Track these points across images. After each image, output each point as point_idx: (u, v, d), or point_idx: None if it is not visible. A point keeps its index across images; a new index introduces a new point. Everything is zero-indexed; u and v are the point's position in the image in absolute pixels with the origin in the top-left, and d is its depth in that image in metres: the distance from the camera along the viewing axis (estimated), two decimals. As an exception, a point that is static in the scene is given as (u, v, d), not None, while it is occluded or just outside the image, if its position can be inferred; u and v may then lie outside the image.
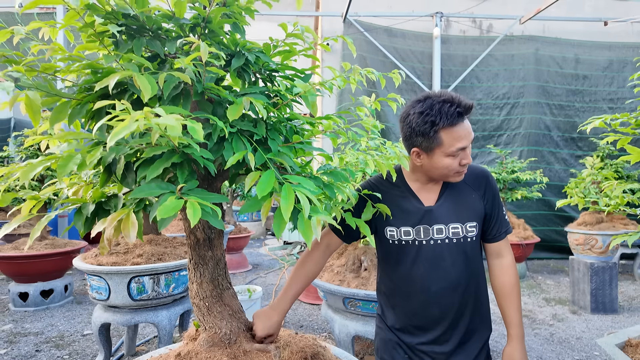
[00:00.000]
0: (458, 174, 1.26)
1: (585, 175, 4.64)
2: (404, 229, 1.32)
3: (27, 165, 0.89)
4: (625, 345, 1.62)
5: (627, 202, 3.83)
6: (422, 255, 1.31)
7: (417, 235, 1.31)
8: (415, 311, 1.34)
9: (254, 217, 9.65)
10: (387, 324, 1.42)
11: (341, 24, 6.98)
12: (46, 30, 1.07)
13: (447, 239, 1.30)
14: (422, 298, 1.32)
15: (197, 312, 1.22)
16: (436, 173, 1.27)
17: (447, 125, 1.17)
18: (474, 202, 1.32)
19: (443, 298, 1.31)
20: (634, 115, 1.58)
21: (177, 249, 2.93)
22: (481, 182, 1.35)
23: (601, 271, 3.99)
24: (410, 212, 1.32)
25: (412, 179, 1.36)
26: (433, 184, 1.35)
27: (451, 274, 1.30)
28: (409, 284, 1.34)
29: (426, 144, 1.21)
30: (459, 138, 1.18)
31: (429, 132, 1.18)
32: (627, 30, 7.18)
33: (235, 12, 1.08)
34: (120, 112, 0.75)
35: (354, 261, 2.63)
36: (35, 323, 3.69)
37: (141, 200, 0.96)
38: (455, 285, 1.31)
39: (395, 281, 1.38)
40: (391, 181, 1.38)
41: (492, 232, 1.36)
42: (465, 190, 1.34)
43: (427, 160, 1.25)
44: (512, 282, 1.34)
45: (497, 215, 1.35)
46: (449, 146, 1.19)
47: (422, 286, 1.31)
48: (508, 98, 6.93)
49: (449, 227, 1.30)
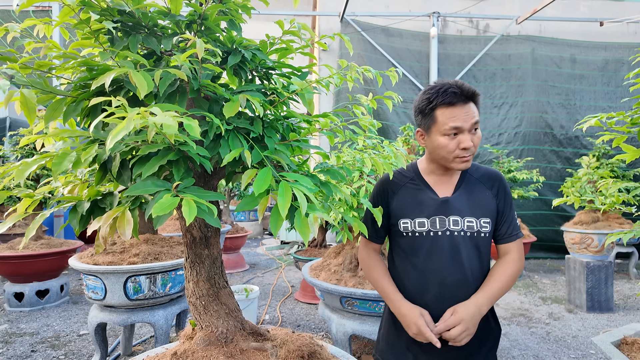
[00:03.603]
0: (460, 160, 1.25)
1: (582, 175, 4.67)
2: (418, 220, 1.32)
3: (22, 164, 0.88)
4: (620, 343, 1.63)
5: (622, 200, 3.85)
6: (437, 246, 1.30)
7: (432, 226, 1.31)
8: (429, 305, 1.29)
9: (251, 217, 9.64)
10: (396, 325, 1.37)
11: (338, 23, 6.98)
12: (41, 28, 1.06)
13: (462, 231, 1.30)
14: (437, 291, 1.28)
15: (194, 311, 1.21)
16: (437, 155, 1.29)
17: (442, 104, 1.22)
18: (487, 199, 1.34)
19: (458, 291, 1.28)
20: (630, 113, 1.58)
21: (174, 249, 2.92)
22: (494, 181, 1.38)
23: (597, 270, 4.01)
24: (425, 204, 1.33)
25: (427, 172, 1.38)
26: (448, 177, 1.36)
27: (466, 267, 1.29)
28: (423, 277, 1.31)
29: (425, 122, 1.28)
30: (454, 118, 1.21)
31: (426, 109, 1.26)
32: (622, 30, 7.22)
33: (232, 9, 1.07)
34: (116, 108, 0.74)
35: (351, 260, 2.62)
36: (30, 323, 3.67)
37: (137, 198, 0.96)
38: (470, 279, 1.29)
39: (408, 275, 1.34)
40: (406, 174, 1.41)
41: (503, 231, 1.35)
42: (479, 187, 1.36)
43: (429, 141, 1.30)
44: (510, 267, 1.31)
45: (508, 214, 1.36)
46: (443, 124, 1.23)
47: (437, 278, 1.29)
48: (506, 97, 6.95)
49: (464, 220, 1.30)
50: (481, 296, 1.25)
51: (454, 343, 1.19)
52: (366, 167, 2.06)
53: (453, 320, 1.19)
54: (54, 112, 0.93)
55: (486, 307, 1.24)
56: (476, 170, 1.39)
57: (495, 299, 1.27)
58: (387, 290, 1.35)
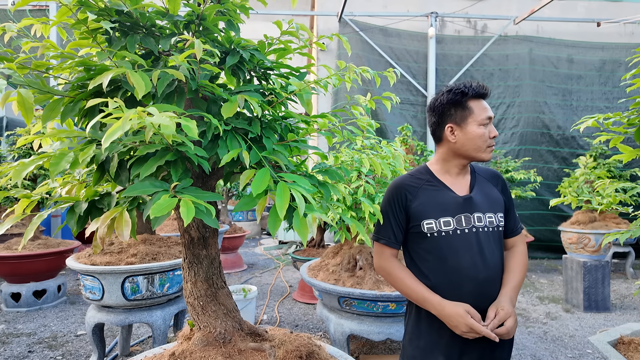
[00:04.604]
0: (489, 149, 1.34)
1: (579, 175, 4.68)
2: (443, 219, 1.33)
3: (19, 165, 0.88)
4: (617, 343, 1.64)
5: (619, 200, 3.86)
6: (466, 244, 1.30)
7: (457, 225, 1.32)
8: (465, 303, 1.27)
9: (249, 217, 9.63)
10: (428, 327, 1.33)
11: (336, 23, 6.98)
12: (38, 27, 1.06)
13: (485, 227, 1.33)
14: (471, 288, 1.27)
15: (192, 311, 1.21)
16: (470, 146, 1.33)
17: (474, 96, 1.32)
18: (497, 195, 1.41)
19: (489, 286, 1.29)
20: (626, 114, 1.59)
21: (172, 249, 2.92)
22: (498, 179, 1.46)
23: (594, 270, 4.02)
24: (447, 203, 1.34)
25: (442, 173, 1.41)
26: (462, 177, 1.40)
27: (493, 262, 1.31)
28: (456, 276, 1.29)
29: (460, 114, 1.33)
30: (486, 109, 1.32)
31: (461, 101, 1.32)
32: (619, 31, 7.25)
33: (230, 9, 1.07)
34: (113, 110, 0.74)
35: (349, 260, 2.63)
36: (27, 324, 3.65)
37: (135, 199, 0.96)
38: (496, 273, 1.32)
39: (439, 276, 1.31)
40: (421, 177, 1.42)
41: (511, 226, 1.43)
42: (488, 184, 1.42)
43: (461, 133, 1.33)
44: (523, 259, 1.38)
45: (513, 209, 1.45)
46: (479, 114, 1.31)
47: (470, 276, 1.28)
48: (504, 97, 6.97)
49: (486, 215, 1.34)
50: (510, 289, 1.30)
51: (506, 337, 1.22)
52: (364, 167, 2.06)
53: (503, 315, 1.22)
54: (51, 112, 0.93)
55: (515, 299, 1.30)
56: (480, 170, 1.46)
57: (519, 290, 1.34)
58: (424, 294, 1.29)
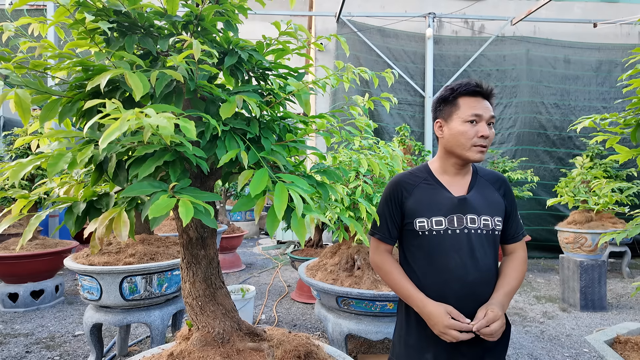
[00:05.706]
0: (477, 150, 1.30)
1: (575, 175, 4.70)
2: (435, 218, 1.33)
3: (16, 165, 0.88)
4: (614, 342, 1.65)
5: (615, 200, 3.88)
6: (456, 244, 1.31)
7: (449, 225, 1.33)
8: (450, 304, 1.28)
9: (247, 217, 9.63)
10: (416, 325, 1.35)
11: (334, 23, 6.99)
12: (36, 27, 1.06)
13: (479, 229, 1.32)
14: (458, 289, 1.29)
15: (190, 312, 1.21)
16: (454, 143, 1.32)
17: (464, 93, 1.32)
18: (498, 199, 1.39)
19: (477, 289, 1.30)
20: (623, 115, 1.60)
21: (170, 249, 2.91)
22: (501, 183, 1.44)
23: (590, 269, 4.04)
24: (441, 203, 1.35)
25: (440, 172, 1.41)
26: (461, 177, 1.40)
27: (484, 264, 1.31)
28: (443, 276, 1.30)
29: (447, 110, 1.34)
30: (475, 107, 1.30)
31: (449, 97, 1.34)
32: (616, 32, 7.29)
33: (228, 10, 1.08)
34: (111, 110, 0.74)
35: (347, 260, 2.63)
36: (25, 324, 3.64)
37: (133, 199, 0.96)
38: (487, 276, 1.32)
39: (427, 274, 1.34)
40: (419, 175, 1.43)
41: (511, 232, 1.41)
42: (489, 187, 1.41)
43: (447, 129, 1.34)
44: (522, 265, 1.39)
45: (515, 215, 1.43)
46: (464, 111, 1.31)
47: (458, 276, 1.29)
48: (501, 98, 6.99)
49: (481, 218, 1.33)
50: (502, 294, 1.30)
51: (490, 338, 1.22)
52: (362, 167, 2.07)
53: (492, 316, 1.22)
54: (49, 112, 0.93)
55: (507, 305, 1.30)
56: (484, 172, 1.45)
57: (512, 296, 1.33)
58: (409, 290, 1.33)
